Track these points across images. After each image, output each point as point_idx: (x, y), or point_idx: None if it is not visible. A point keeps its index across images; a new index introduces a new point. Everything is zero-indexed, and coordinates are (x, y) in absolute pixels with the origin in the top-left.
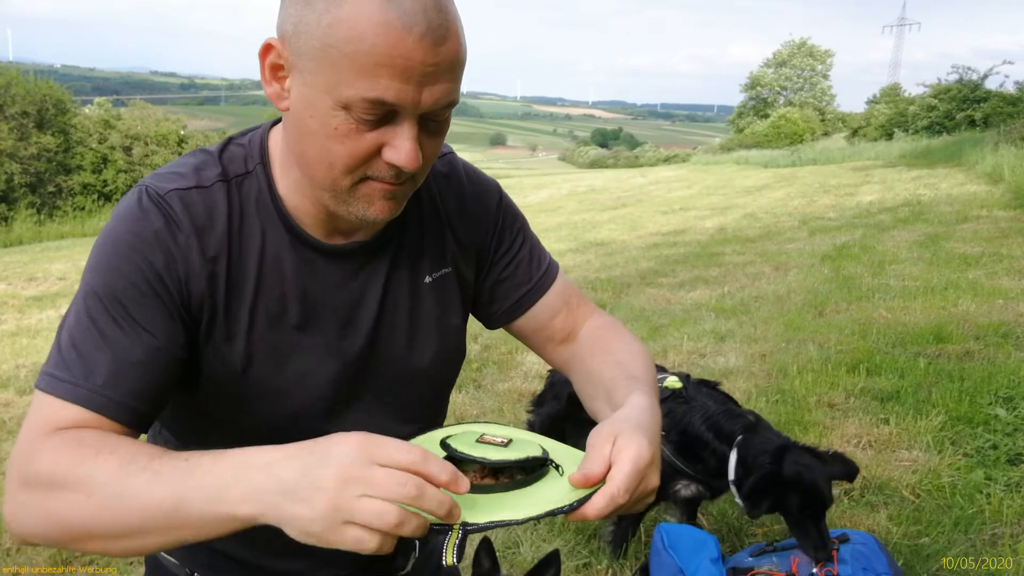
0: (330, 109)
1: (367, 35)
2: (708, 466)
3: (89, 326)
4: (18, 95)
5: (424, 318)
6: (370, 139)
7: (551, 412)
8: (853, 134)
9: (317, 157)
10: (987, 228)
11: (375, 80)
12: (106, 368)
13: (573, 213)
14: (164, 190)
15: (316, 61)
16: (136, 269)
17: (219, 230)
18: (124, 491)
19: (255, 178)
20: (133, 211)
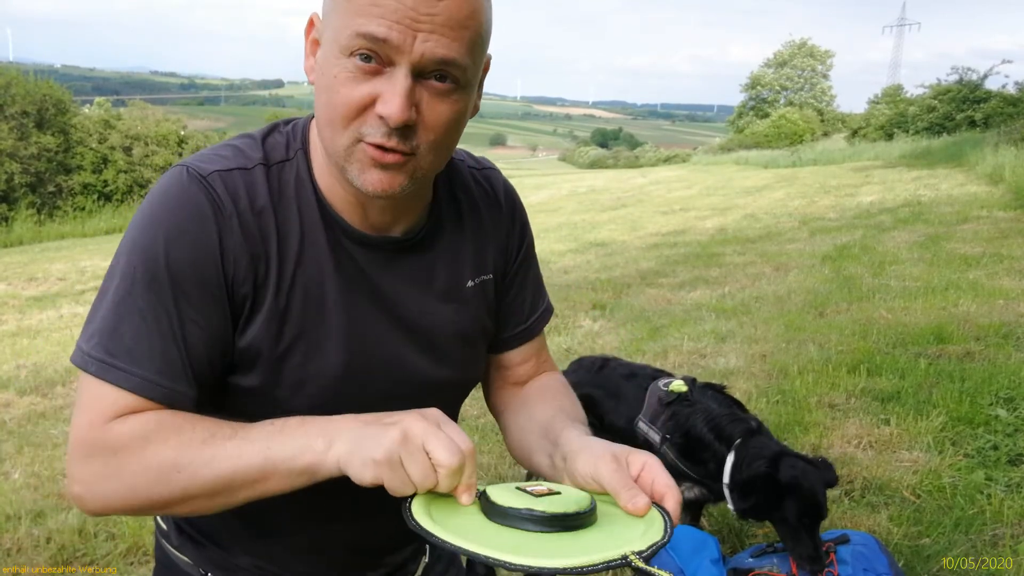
0: (335, 59)
1: None
2: (708, 468)
3: (135, 309)
4: (18, 95)
5: (460, 323)
6: (365, 89)
7: None
8: (853, 135)
9: (326, 116)
10: (987, 228)
11: (368, 17)
12: (158, 355)
13: (573, 213)
14: (207, 171)
15: (330, 16)
16: (180, 252)
17: (261, 213)
18: (214, 456)
19: (295, 164)
20: (176, 191)
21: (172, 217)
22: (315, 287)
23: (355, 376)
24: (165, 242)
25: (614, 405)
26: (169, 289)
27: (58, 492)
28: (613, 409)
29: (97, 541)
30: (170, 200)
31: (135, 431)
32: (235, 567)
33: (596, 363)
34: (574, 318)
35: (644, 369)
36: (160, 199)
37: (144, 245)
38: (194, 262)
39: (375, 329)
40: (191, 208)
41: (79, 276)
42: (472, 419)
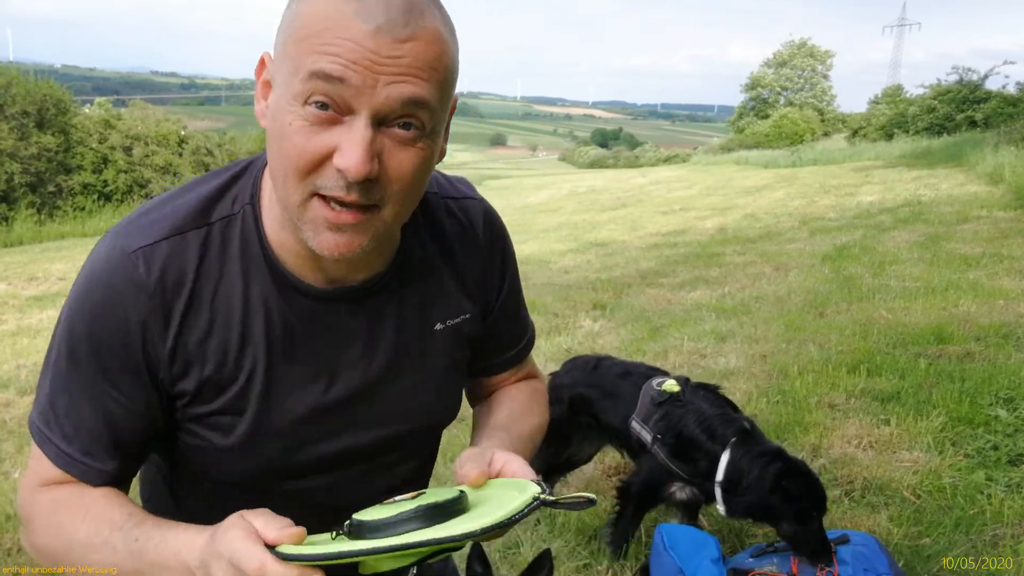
0: (288, 105)
1: (320, 21)
2: (699, 467)
3: (65, 386)
4: (18, 95)
5: (430, 368)
6: (321, 140)
7: (552, 415)
8: (853, 135)
9: (279, 168)
10: (987, 229)
11: (320, 56)
12: (85, 433)
13: (573, 213)
14: (132, 248)
15: (281, 60)
16: (103, 334)
17: (188, 287)
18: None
19: (239, 220)
20: (100, 270)
21: (95, 297)
22: (263, 350)
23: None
24: (88, 324)
25: (609, 404)
26: (94, 369)
27: None
28: (608, 408)
29: None
30: (94, 280)
31: (52, 501)
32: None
33: (590, 362)
34: (574, 318)
35: (638, 367)
36: (87, 277)
37: (71, 324)
38: (116, 344)
39: (333, 386)
40: (113, 290)
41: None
42: (472, 419)
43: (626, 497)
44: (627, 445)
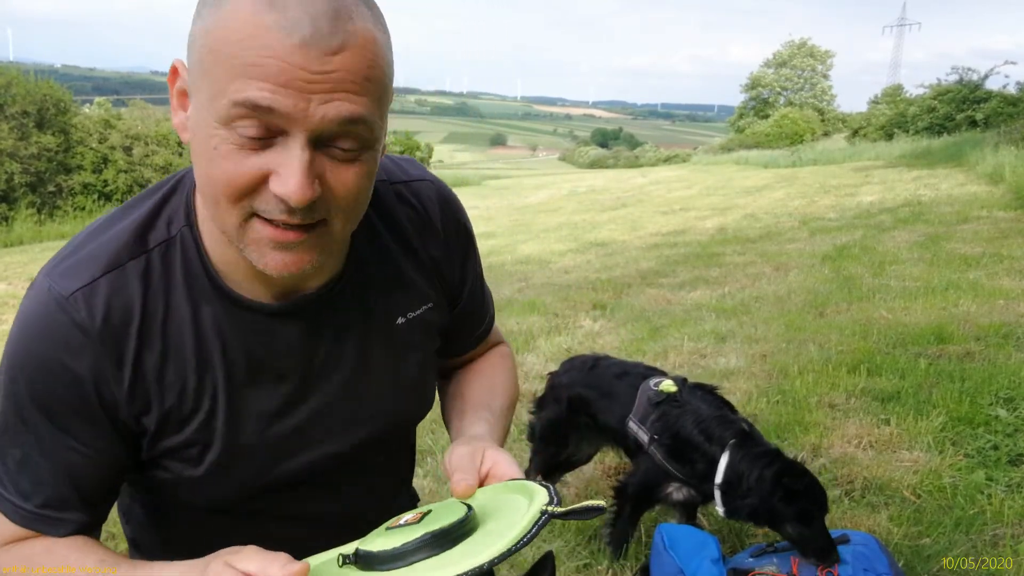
0: (211, 128)
1: (239, 35)
2: (697, 469)
3: (15, 441)
4: (18, 95)
5: (400, 364)
6: (253, 163)
7: (551, 416)
8: (853, 135)
9: (209, 192)
10: (988, 229)
11: (246, 80)
12: (44, 486)
13: (573, 213)
14: (69, 290)
15: (198, 74)
16: (48, 385)
17: (136, 322)
18: None
19: (178, 243)
20: (37, 318)
21: (35, 351)
22: (222, 376)
23: (277, 457)
24: (31, 381)
25: (606, 404)
26: (46, 425)
27: None
28: (605, 408)
29: None
30: (31, 332)
31: (21, 560)
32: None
33: (588, 362)
34: (574, 318)
35: (636, 367)
36: (21, 330)
37: (12, 377)
38: (67, 396)
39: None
40: (54, 341)
41: None
42: None
43: (623, 497)
44: (624, 445)
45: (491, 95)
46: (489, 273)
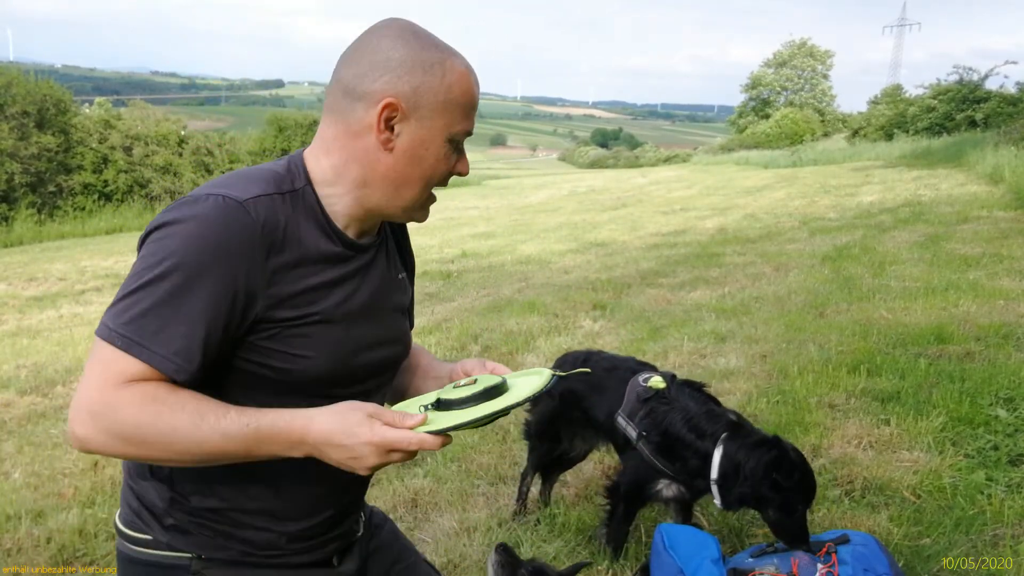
0: (443, 142)
1: (467, 89)
2: (688, 466)
3: (170, 301)
4: (18, 95)
5: (400, 304)
6: (453, 160)
7: (544, 411)
8: (853, 135)
9: (420, 177)
10: (987, 229)
11: (471, 118)
12: (181, 340)
13: (573, 213)
14: (242, 198)
15: (438, 110)
16: (226, 262)
17: (284, 232)
18: (202, 443)
19: (303, 194)
20: (218, 216)
21: (217, 232)
22: (325, 285)
23: (363, 346)
24: (212, 252)
25: (596, 398)
26: (205, 293)
27: (58, 492)
28: (595, 403)
29: (97, 541)
30: (212, 221)
31: (142, 394)
32: (228, 544)
33: (580, 356)
34: (574, 318)
35: (626, 362)
36: (202, 221)
37: (185, 254)
38: (233, 268)
39: (372, 311)
40: (230, 227)
41: (79, 276)
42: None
43: (615, 496)
44: (613, 440)
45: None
46: (489, 273)
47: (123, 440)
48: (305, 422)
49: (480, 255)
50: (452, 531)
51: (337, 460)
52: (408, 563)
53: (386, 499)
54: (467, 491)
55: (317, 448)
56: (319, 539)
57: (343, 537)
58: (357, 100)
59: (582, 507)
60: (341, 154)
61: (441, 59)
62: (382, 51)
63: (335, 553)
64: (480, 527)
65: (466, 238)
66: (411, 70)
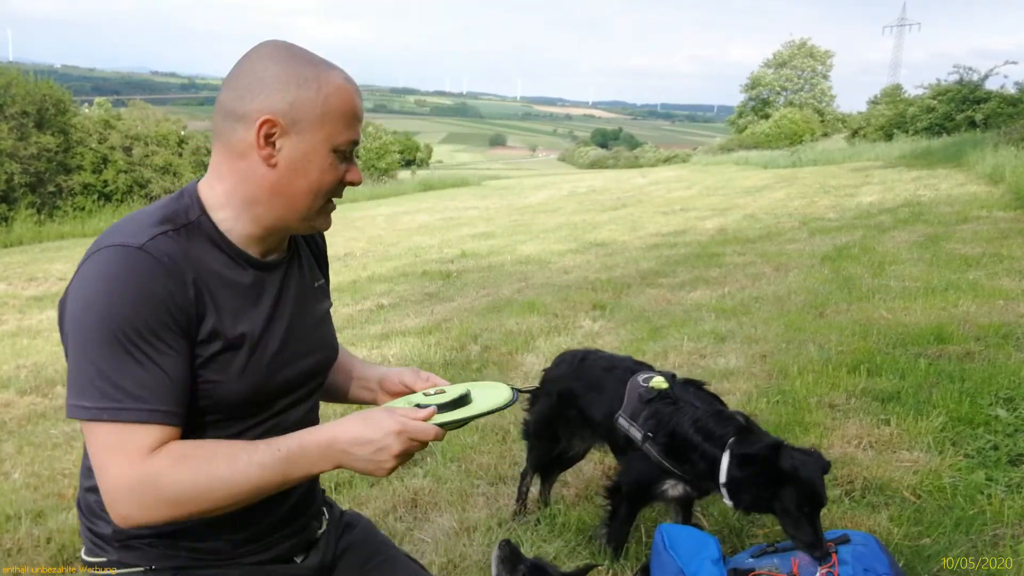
0: (326, 153)
1: (345, 100)
2: (697, 468)
3: (126, 359)
4: (18, 95)
5: (322, 312)
6: (341, 169)
7: (541, 410)
8: (853, 135)
9: (308, 189)
10: (987, 229)
11: (354, 128)
12: (159, 389)
13: (573, 213)
14: (139, 243)
15: (316, 122)
16: (148, 304)
17: (187, 265)
18: (242, 482)
19: (199, 224)
20: (122, 266)
21: (126, 289)
22: (238, 309)
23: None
24: (126, 310)
25: (594, 398)
26: (148, 338)
27: (58, 492)
28: (592, 402)
29: None
30: (118, 275)
31: (171, 457)
32: (176, 552)
33: (577, 356)
34: (574, 318)
35: (624, 361)
36: (108, 279)
37: (110, 314)
38: (160, 312)
39: (291, 325)
40: (139, 275)
41: None
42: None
43: (617, 496)
44: (610, 440)
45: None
46: (489, 273)
47: (172, 505)
48: (329, 431)
49: (480, 255)
50: (452, 531)
51: (365, 458)
52: (386, 556)
53: (386, 499)
54: (467, 491)
55: (345, 453)
56: (267, 540)
57: (298, 535)
58: (237, 121)
59: (582, 507)
60: (231, 177)
61: (315, 74)
62: (256, 71)
63: (293, 550)
64: (480, 527)
65: (466, 238)
66: (285, 86)
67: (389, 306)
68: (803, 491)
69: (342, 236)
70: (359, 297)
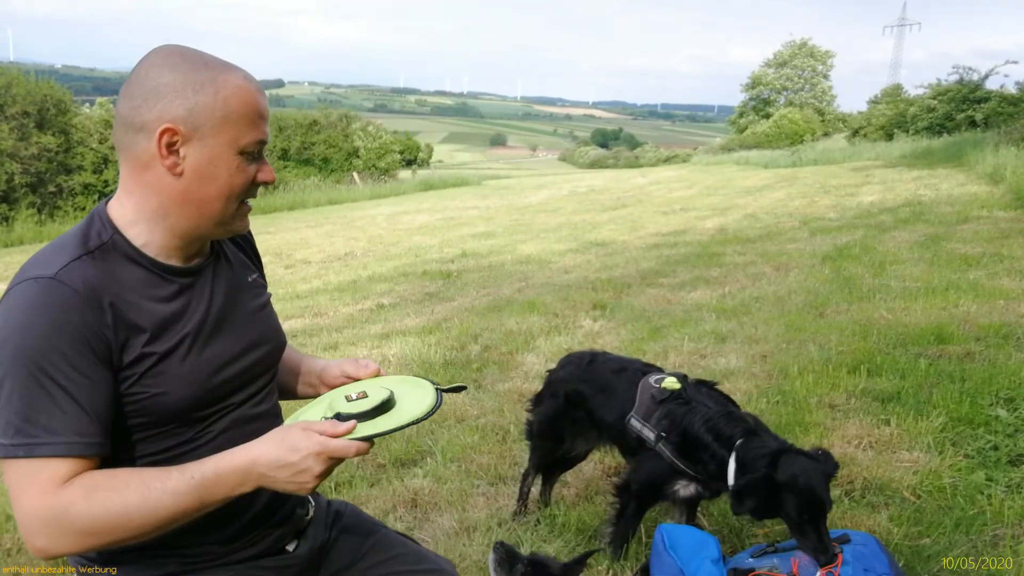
0: (232, 156)
1: (246, 100)
2: (708, 468)
3: (39, 393)
4: (19, 95)
5: (260, 304)
6: (251, 170)
7: (547, 411)
8: (853, 135)
9: (218, 194)
10: (988, 229)
11: (259, 128)
12: (74, 419)
13: (573, 213)
14: (51, 273)
15: (218, 126)
16: (61, 335)
17: (104, 288)
18: (156, 510)
19: (112, 243)
20: (36, 298)
21: (38, 319)
22: (163, 319)
23: (226, 360)
24: (47, 336)
25: (604, 400)
26: (65, 369)
27: None
28: (603, 404)
29: None
30: (33, 306)
31: (83, 488)
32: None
33: (585, 358)
34: (574, 318)
35: (633, 363)
36: (24, 308)
37: (24, 346)
38: (76, 341)
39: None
40: (55, 306)
41: None
42: (472, 419)
43: (626, 495)
44: (620, 441)
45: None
46: (489, 273)
47: (84, 535)
48: (246, 455)
49: (480, 255)
50: (452, 531)
51: (285, 480)
52: (380, 536)
53: (386, 499)
54: (467, 491)
55: (265, 476)
56: (254, 534)
57: (284, 524)
58: (138, 132)
59: (582, 507)
60: (138, 191)
61: (212, 77)
62: (151, 79)
63: (282, 540)
64: (480, 527)
65: (466, 238)
66: (182, 92)
67: (389, 306)
68: (803, 499)
69: (342, 236)
70: (359, 297)
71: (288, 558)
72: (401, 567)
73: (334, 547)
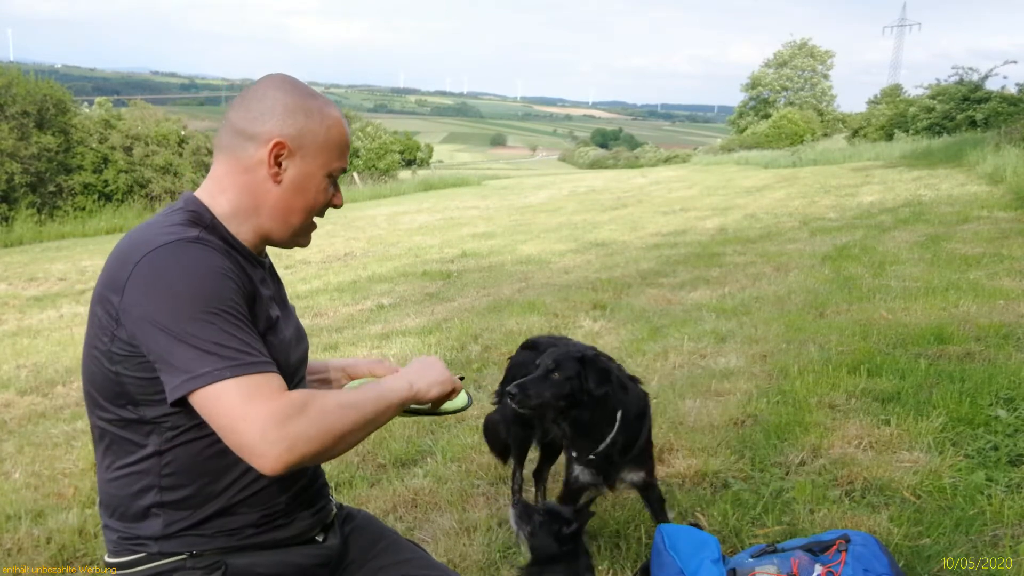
0: (322, 177)
1: (342, 133)
2: None
3: (225, 326)
4: (19, 95)
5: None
6: (331, 192)
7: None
8: (853, 135)
9: (304, 207)
10: (988, 229)
11: (345, 158)
12: (262, 346)
13: (573, 213)
14: (193, 236)
15: (318, 149)
16: (227, 281)
17: (227, 254)
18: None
19: (212, 228)
20: (189, 256)
21: (202, 269)
22: (262, 296)
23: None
24: (214, 284)
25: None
26: (233, 309)
27: (58, 492)
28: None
29: (97, 541)
30: (189, 263)
31: (303, 392)
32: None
33: (534, 342)
34: (574, 318)
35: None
36: (180, 267)
37: (194, 296)
38: (236, 287)
39: (287, 314)
40: (207, 261)
41: (79, 276)
42: (472, 419)
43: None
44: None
45: (491, 95)
46: (489, 273)
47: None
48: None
49: (480, 255)
50: (452, 531)
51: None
52: (390, 541)
53: (386, 499)
54: (467, 491)
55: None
56: (291, 516)
57: (316, 513)
58: (248, 140)
59: None
60: (233, 189)
61: (320, 107)
62: (269, 98)
63: (312, 529)
64: (480, 527)
65: (466, 238)
66: (295, 115)
67: (389, 306)
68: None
69: (342, 236)
70: (359, 297)
71: (318, 547)
72: (410, 571)
73: (346, 544)
